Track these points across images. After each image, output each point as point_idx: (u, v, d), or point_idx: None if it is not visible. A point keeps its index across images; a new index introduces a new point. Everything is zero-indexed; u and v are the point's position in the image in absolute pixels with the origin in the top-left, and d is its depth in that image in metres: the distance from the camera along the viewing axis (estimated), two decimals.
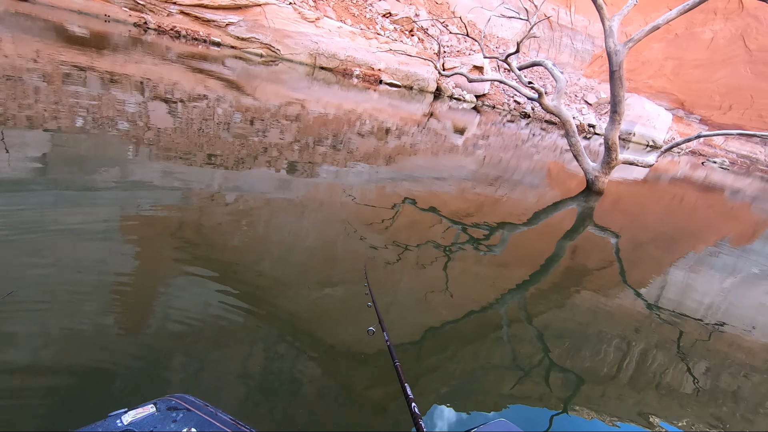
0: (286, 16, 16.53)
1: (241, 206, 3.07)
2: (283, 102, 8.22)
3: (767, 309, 3.93)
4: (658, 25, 6.09)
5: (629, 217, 6.78)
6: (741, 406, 2.33)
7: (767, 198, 16.40)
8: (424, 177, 5.48)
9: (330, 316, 2.17)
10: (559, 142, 16.23)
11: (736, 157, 37.32)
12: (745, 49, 35.31)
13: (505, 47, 32.31)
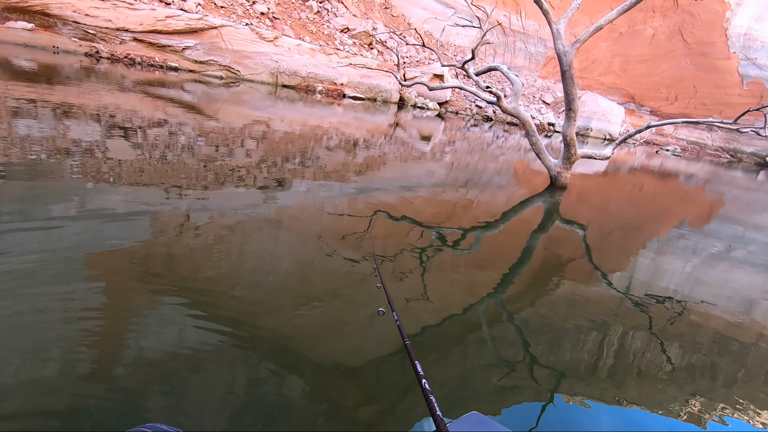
0: (243, 37, 16.44)
1: (211, 230, 3.00)
2: (248, 122, 8.14)
3: (729, 285, 4.13)
4: (601, 26, 6.42)
5: (594, 209, 7.03)
6: (718, 378, 2.43)
7: (718, 180, 17.40)
8: (394, 186, 5.52)
9: (313, 333, 2.14)
10: (522, 142, 16.73)
11: (686, 144, 39.49)
12: (683, 43, 37.67)
13: (462, 55, 33.21)
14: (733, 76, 36.41)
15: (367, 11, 28.05)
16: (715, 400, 2.23)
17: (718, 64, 36.62)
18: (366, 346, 2.13)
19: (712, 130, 39.30)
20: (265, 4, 19.73)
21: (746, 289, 4.11)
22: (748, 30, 34.94)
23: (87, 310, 1.96)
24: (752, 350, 2.83)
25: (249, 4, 19.01)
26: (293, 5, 22.03)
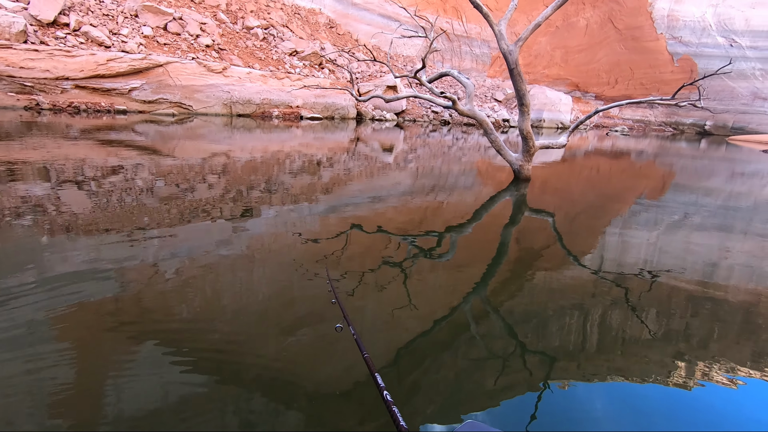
0: (191, 72, 16.22)
1: (182, 270, 2.91)
2: (207, 156, 7.98)
3: (690, 251, 4.36)
4: (539, 23, 6.74)
5: (558, 196, 7.29)
6: (693, 340, 2.54)
7: (666, 153, 18.42)
8: (364, 200, 5.54)
9: (301, 360, 2.09)
10: (481, 141, 17.18)
11: (632, 123, 41.68)
12: (615, 30, 40.01)
13: (411, 64, 33.95)
14: (663, 55, 38.91)
15: (313, 32, 28.31)
16: (694, 361, 2.33)
17: (648, 46, 39.06)
18: (359, 365, 2.11)
19: (654, 107, 41.70)
20: (209, 36, 19.57)
21: (706, 251, 4.35)
22: (670, 11, 37.53)
23: (57, 370, 1.85)
24: (720, 308, 2.99)
25: (193, 38, 18.81)
26: (238, 35, 21.96)
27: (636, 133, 37.37)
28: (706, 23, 37.24)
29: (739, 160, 16.50)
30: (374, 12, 33.27)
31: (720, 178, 10.78)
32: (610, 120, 41.11)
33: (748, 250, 4.44)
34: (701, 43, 37.44)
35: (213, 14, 21.89)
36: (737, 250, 4.43)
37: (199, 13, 20.61)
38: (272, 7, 26.72)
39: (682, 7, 37.34)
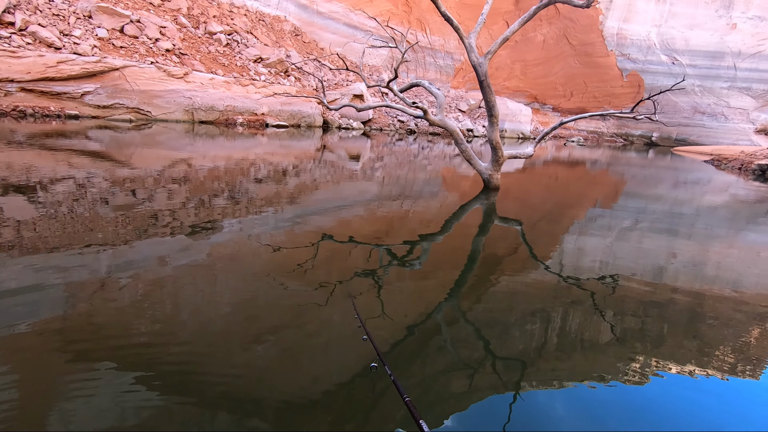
0: (150, 76, 15.65)
1: (138, 286, 2.78)
2: (167, 164, 7.70)
3: (642, 254, 4.62)
4: (507, 37, 7.03)
5: (522, 204, 7.54)
6: (647, 340, 2.69)
7: (618, 162, 19.50)
8: (331, 209, 5.51)
9: (268, 372, 2.05)
10: (446, 149, 17.53)
11: (587, 134, 43.85)
12: (569, 46, 42.13)
13: (377, 74, 34.29)
14: (613, 70, 41.34)
15: (278, 40, 28.08)
16: (648, 359, 2.47)
17: (600, 62, 41.39)
18: (325, 374, 2.09)
19: (606, 119, 44.04)
20: (170, 40, 18.97)
21: (655, 254, 4.63)
22: (619, 30, 40.00)
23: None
24: (669, 308, 3.19)
25: (152, 42, 18.16)
26: (200, 40, 21.42)
27: (590, 143, 39.38)
28: (651, 42, 39.97)
29: (683, 169, 17.71)
30: (339, 21, 33.45)
31: (666, 186, 11.53)
32: (566, 131, 43.10)
33: (692, 253, 4.76)
34: (647, 60, 40.11)
35: (173, 18, 21.27)
36: (682, 253, 4.74)
37: (159, 17, 19.97)
38: (236, 13, 26.31)
39: (630, 27, 39.92)
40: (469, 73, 41.56)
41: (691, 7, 39.58)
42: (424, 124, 29.34)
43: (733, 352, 2.59)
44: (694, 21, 39.63)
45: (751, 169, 15.72)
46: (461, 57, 40.44)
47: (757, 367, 2.46)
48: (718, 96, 39.85)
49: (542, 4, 6.73)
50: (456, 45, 39.67)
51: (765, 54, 38.61)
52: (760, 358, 2.55)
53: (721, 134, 39.12)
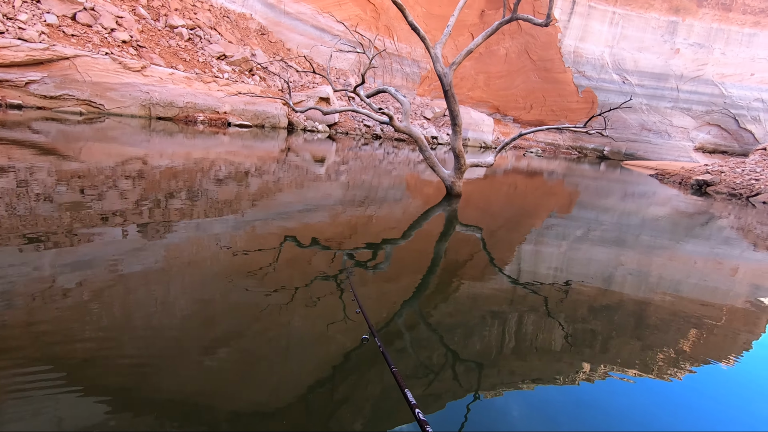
0: (104, 68, 14.86)
1: (84, 290, 2.62)
2: (119, 161, 7.32)
3: (593, 262, 4.88)
4: (471, 50, 7.23)
5: (483, 211, 7.76)
6: (596, 343, 2.84)
7: (573, 174, 20.48)
8: (294, 212, 5.44)
9: (225, 380, 1.99)
10: (411, 156, 17.75)
11: (544, 146, 45.80)
12: (530, 60, 43.94)
13: (344, 78, 34.25)
14: (570, 86, 43.48)
15: (243, 38, 27.46)
16: (597, 361, 2.61)
17: (558, 77, 43.43)
18: (285, 380, 2.05)
19: (563, 132, 46.16)
20: (127, 31, 18.10)
21: (604, 262, 4.90)
22: (575, 48, 42.17)
23: None
24: (616, 312, 3.38)
25: (107, 32, 17.25)
26: (160, 33, 20.58)
27: (548, 154, 41.16)
28: (604, 61, 42.41)
29: (631, 182, 18.85)
30: (307, 23, 33.19)
31: (616, 198, 12.23)
32: (526, 142, 44.83)
33: (637, 262, 5.08)
34: (600, 78, 42.51)
35: (132, 8, 20.32)
36: (629, 261, 5.04)
37: (115, 6, 19.02)
38: (199, 8, 25.51)
39: (585, 46, 42.20)
40: (435, 82, 42.35)
41: (639, 31, 42.39)
42: (390, 129, 29.58)
43: (674, 353, 2.78)
44: (642, 44, 42.46)
45: (690, 184, 16.99)
46: (427, 65, 41.17)
47: (694, 365, 2.65)
48: (662, 115, 42.83)
49: (504, 20, 6.99)
50: (423, 53, 40.37)
51: (703, 78, 41.94)
52: (697, 358, 2.75)
53: (665, 150, 42.06)
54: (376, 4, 35.91)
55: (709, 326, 3.31)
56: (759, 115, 41.54)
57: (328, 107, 23.26)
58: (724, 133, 43.25)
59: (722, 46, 42.08)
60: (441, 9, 38.34)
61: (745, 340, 3.18)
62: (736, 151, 41.51)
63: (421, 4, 37.72)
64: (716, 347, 3.00)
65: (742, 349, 3.01)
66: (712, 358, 2.79)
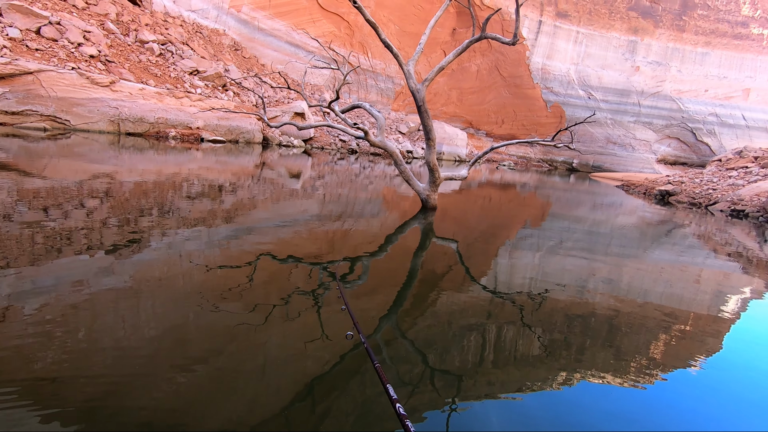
0: (70, 83, 14.45)
1: (48, 313, 2.50)
2: (86, 178, 7.07)
3: (566, 271, 5.00)
4: (443, 66, 7.40)
5: (458, 224, 7.86)
6: (571, 350, 2.89)
7: (544, 186, 21.07)
8: (269, 227, 5.37)
9: (199, 401, 1.92)
10: (387, 170, 17.87)
11: (516, 159, 47.04)
12: (500, 77, 45.36)
13: (319, 93, 34.42)
14: (539, 102, 45.07)
15: (217, 53, 27.30)
16: (572, 367, 2.66)
17: (527, 93, 44.97)
18: (262, 398, 2.00)
19: (533, 146, 47.57)
20: (95, 46, 17.70)
21: (577, 271, 5.03)
22: (543, 66, 43.88)
23: None
24: (589, 320, 3.46)
25: (73, 47, 16.82)
26: (130, 48, 20.22)
27: (520, 167, 42.26)
28: (571, 78, 44.25)
29: (599, 193, 19.54)
30: (282, 39, 33.35)
31: (586, 209, 12.63)
32: (498, 155, 45.95)
33: (608, 270, 5.24)
34: (567, 94, 44.27)
35: (100, 23, 19.93)
36: (600, 270, 5.20)
37: (83, 20, 18.62)
38: (170, 23, 25.26)
39: (552, 63, 43.98)
40: (409, 97, 43.08)
41: (602, 49, 44.56)
42: (365, 144, 29.79)
43: (644, 357, 2.87)
44: (605, 62, 44.60)
45: (654, 194, 17.76)
46: (401, 81, 41.91)
47: (665, 368, 2.73)
48: (626, 128, 44.83)
49: (474, 39, 7.22)
50: (397, 69, 41.10)
51: (662, 94, 44.28)
52: (667, 361, 2.84)
53: (630, 162, 43.92)
54: (350, 21, 36.49)
55: (677, 330, 3.44)
56: (714, 129, 44.09)
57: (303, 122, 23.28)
58: (684, 146, 45.62)
59: (678, 64, 44.70)
60: (414, 27, 39.30)
61: (711, 342, 3.31)
62: (694, 163, 43.80)
63: (394, 21, 38.57)
64: (685, 350, 3.11)
65: (708, 351, 3.13)
66: (681, 360, 2.89)
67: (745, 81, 44.76)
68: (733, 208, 13.40)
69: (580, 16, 43.74)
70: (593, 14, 43.84)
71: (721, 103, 44.30)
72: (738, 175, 16.66)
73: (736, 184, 15.40)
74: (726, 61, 44.71)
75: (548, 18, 42.99)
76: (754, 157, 18.15)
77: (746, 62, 44.74)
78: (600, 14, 43.92)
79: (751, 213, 12.68)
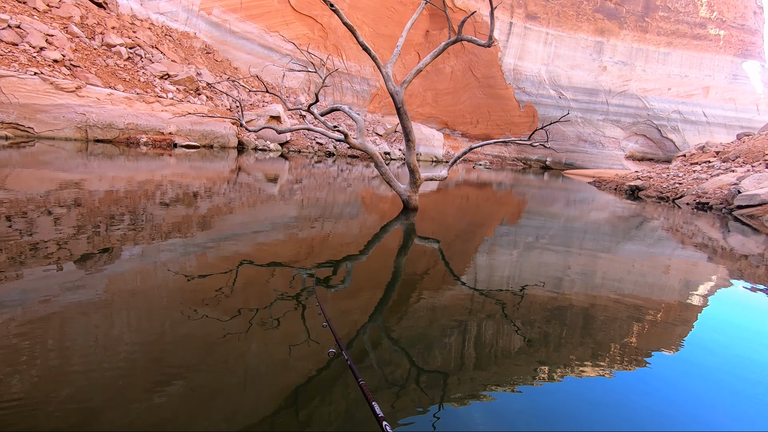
0: (33, 88, 13.89)
1: (12, 331, 2.39)
2: (53, 187, 6.80)
3: (543, 267, 5.12)
4: (420, 69, 7.47)
5: (439, 223, 7.93)
6: (550, 345, 2.96)
7: (519, 184, 21.50)
8: (248, 233, 5.29)
9: (177, 417, 1.87)
10: (365, 172, 17.88)
11: (492, 158, 47.82)
12: (474, 78, 46.05)
13: (294, 96, 34.15)
14: (512, 101, 45.95)
15: (188, 56, 26.72)
16: (552, 362, 2.72)
17: (500, 93, 45.80)
18: (244, 407, 1.97)
19: (508, 145, 48.49)
20: (58, 50, 17.04)
21: (554, 266, 5.16)
22: (515, 66, 44.78)
23: None
24: (567, 314, 3.56)
25: (35, 51, 16.15)
26: (96, 52, 19.57)
27: (495, 166, 42.99)
28: (542, 78, 45.33)
29: (572, 190, 20.08)
30: (254, 42, 32.92)
31: (560, 205, 12.96)
32: (474, 155, 46.62)
33: (583, 265, 5.39)
34: (539, 94, 45.33)
35: (63, 26, 19.22)
36: (575, 264, 5.35)
37: (45, 24, 17.91)
38: (138, 26, 24.58)
39: (524, 64, 44.95)
40: (385, 99, 43.26)
41: (571, 50, 45.83)
42: (343, 146, 29.72)
43: (620, 348, 2.96)
44: (574, 62, 45.89)
45: (624, 189, 18.38)
46: (377, 83, 42.01)
47: (640, 357, 2.83)
48: (596, 127, 46.22)
49: (450, 41, 7.31)
50: (372, 71, 41.18)
51: (628, 93, 45.87)
52: (641, 350, 2.94)
53: (600, 159, 45.29)
54: (324, 24, 36.35)
55: (650, 320, 3.57)
56: (677, 125, 45.99)
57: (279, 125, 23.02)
58: (650, 142, 47.39)
59: (643, 63, 46.43)
60: (388, 29, 39.49)
61: (681, 329, 3.45)
62: (660, 158, 45.56)
63: (368, 24, 38.65)
64: (657, 338, 3.23)
65: (679, 338, 3.26)
66: (654, 347, 3.00)
67: (705, 79, 46.92)
68: (698, 201, 14.00)
69: (549, 17, 44.90)
70: (561, 16, 45.08)
71: (683, 101, 46.28)
72: (701, 169, 17.42)
73: (700, 178, 16.10)
74: (687, 61, 46.75)
75: (518, 20, 43.95)
76: (715, 152, 19.03)
77: (705, 61, 46.91)
78: (568, 16, 45.20)
79: (715, 205, 13.28)
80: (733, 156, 17.20)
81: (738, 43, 47.58)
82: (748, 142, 18.08)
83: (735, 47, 47.45)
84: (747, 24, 47.97)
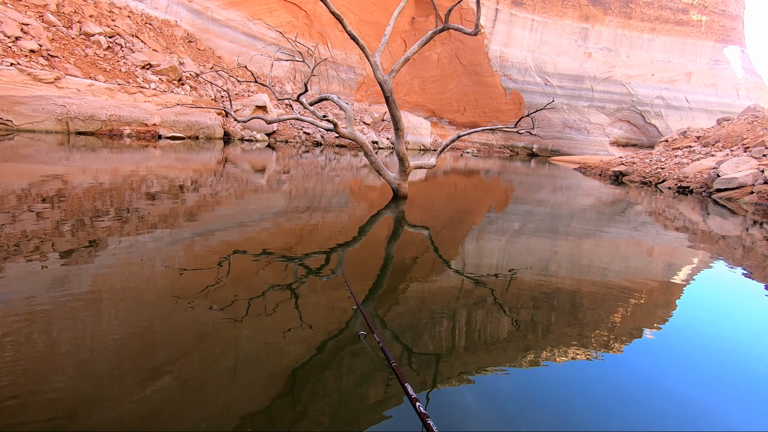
0: (9, 80, 13.49)
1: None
2: (34, 181, 6.67)
3: (531, 252, 5.23)
4: (408, 57, 7.46)
5: (428, 211, 8.00)
6: (539, 329, 3.06)
7: (507, 172, 21.67)
8: (236, 224, 5.28)
9: (168, 409, 1.89)
10: (353, 161, 17.84)
11: (479, 146, 48.00)
12: (461, 65, 45.90)
13: (280, 85, 33.70)
14: (499, 89, 45.97)
15: (170, 45, 26.09)
16: (540, 346, 2.82)
17: (487, 80, 45.76)
18: (234, 402, 2.00)
19: (495, 133, 48.68)
20: (35, 40, 16.50)
21: (541, 252, 5.27)
22: (501, 53, 44.72)
23: None
24: (555, 298, 3.66)
25: (10, 41, 15.61)
26: (74, 41, 18.99)
27: (483, 154, 43.21)
28: (528, 65, 45.38)
29: (558, 176, 20.32)
30: (237, 30, 32.27)
31: (546, 191, 13.14)
32: (462, 143, 46.71)
33: (570, 249, 5.52)
34: (525, 81, 45.41)
35: (39, 15, 18.58)
36: (562, 249, 5.47)
37: (19, 12, 17.30)
38: (117, 14, 23.88)
39: (510, 51, 44.91)
40: (372, 87, 42.93)
41: (557, 36, 45.90)
42: (330, 136, 29.51)
43: (606, 330, 3.08)
44: (560, 49, 46.00)
45: (608, 175, 18.67)
46: (363, 71, 41.62)
47: (626, 338, 2.95)
48: (581, 113, 46.59)
49: (437, 30, 7.30)
50: (358, 60, 40.75)
51: (613, 79, 46.26)
52: (627, 332, 3.06)
53: (586, 145, 45.76)
54: (308, 11, 35.75)
55: (635, 302, 3.70)
56: (661, 111, 46.64)
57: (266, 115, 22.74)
58: (634, 128, 48.02)
59: (627, 49, 46.77)
60: (373, 16, 39.01)
61: (665, 310, 3.59)
62: (644, 144, 46.24)
63: (353, 11, 38.12)
64: (642, 319, 3.36)
65: (663, 318, 3.39)
66: (639, 328, 3.13)
67: (687, 65, 47.55)
68: (679, 185, 14.32)
69: (534, 3, 44.79)
70: (547, 2, 45.01)
71: (666, 87, 46.89)
72: (683, 154, 17.77)
73: (681, 163, 16.44)
74: (670, 47, 47.25)
75: (504, 6, 43.77)
76: (696, 137, 19.40)
77: (688, 47, 47.47)
78: (553, 2, 45.15)
79: (696, 189, 13.61)
80: (713, 141, 17.57)
81: (719, 28, 48.21)
82: (728, 126, 18.47)
83: (716, 33, 48.08)
84: (728, 10, 48.56)
